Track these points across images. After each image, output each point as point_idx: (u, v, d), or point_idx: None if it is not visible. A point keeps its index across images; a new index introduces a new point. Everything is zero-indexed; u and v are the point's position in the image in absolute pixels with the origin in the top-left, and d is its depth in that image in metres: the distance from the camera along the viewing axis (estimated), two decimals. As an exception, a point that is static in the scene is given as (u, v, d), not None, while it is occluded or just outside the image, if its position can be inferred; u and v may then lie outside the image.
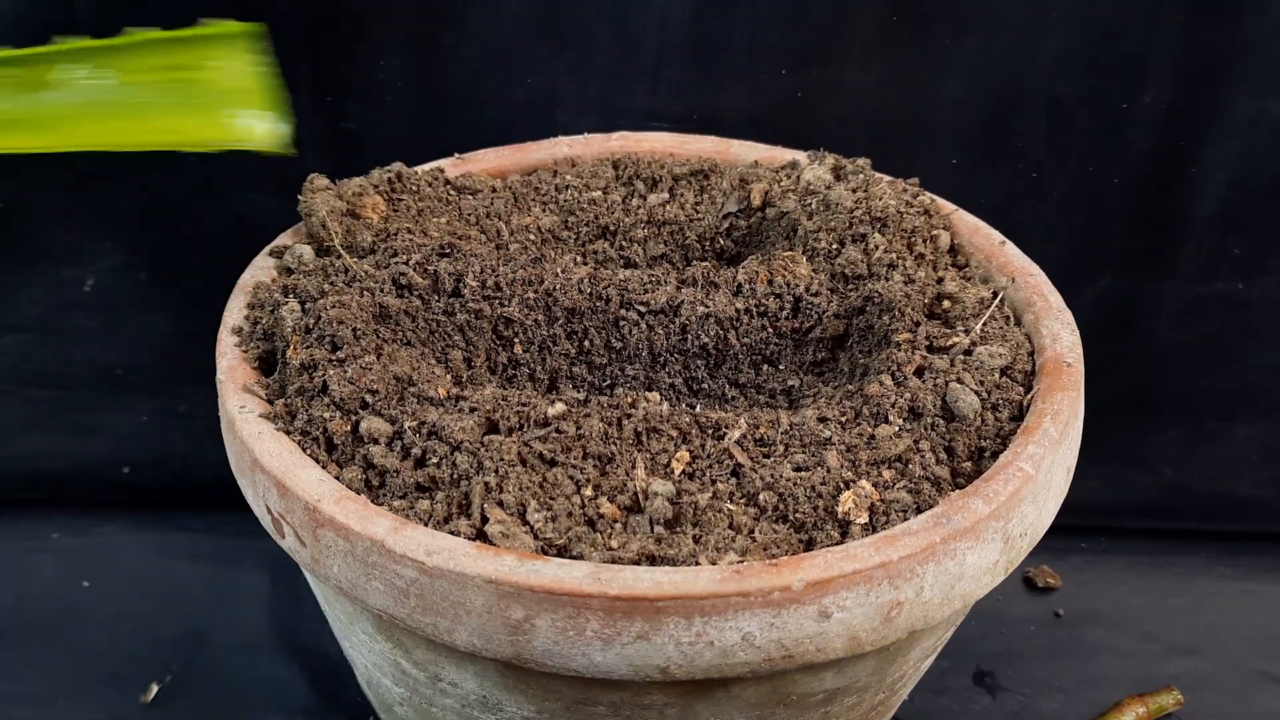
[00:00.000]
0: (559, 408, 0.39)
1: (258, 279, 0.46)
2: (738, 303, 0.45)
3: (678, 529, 0.36)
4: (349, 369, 0.39)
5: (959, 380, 0.40)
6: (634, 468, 0.37)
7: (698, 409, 0.42)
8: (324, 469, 0.37)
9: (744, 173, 0.52)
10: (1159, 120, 0.60)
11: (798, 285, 0.45)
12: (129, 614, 0.60)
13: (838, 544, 0.35)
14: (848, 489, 0.37)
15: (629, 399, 0.40)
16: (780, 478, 0.37)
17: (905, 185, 0.49)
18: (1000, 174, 0.62)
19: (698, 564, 0.34)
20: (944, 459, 0.39)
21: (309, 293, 0.43)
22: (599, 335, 0.46)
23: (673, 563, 0.34)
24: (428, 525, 0.35)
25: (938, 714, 0.57)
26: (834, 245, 0.47)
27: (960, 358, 0.42)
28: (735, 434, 0.39)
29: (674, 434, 0.39)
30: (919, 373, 0.41)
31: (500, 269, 0.45)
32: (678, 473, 0.38)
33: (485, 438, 0.38)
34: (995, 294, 0.45)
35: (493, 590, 0.33)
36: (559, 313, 0.45)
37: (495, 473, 0.36)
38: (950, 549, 0.35)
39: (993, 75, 0.59)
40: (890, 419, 0.39)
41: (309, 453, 0.38)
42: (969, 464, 0.39)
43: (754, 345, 0.46)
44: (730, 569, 0.33)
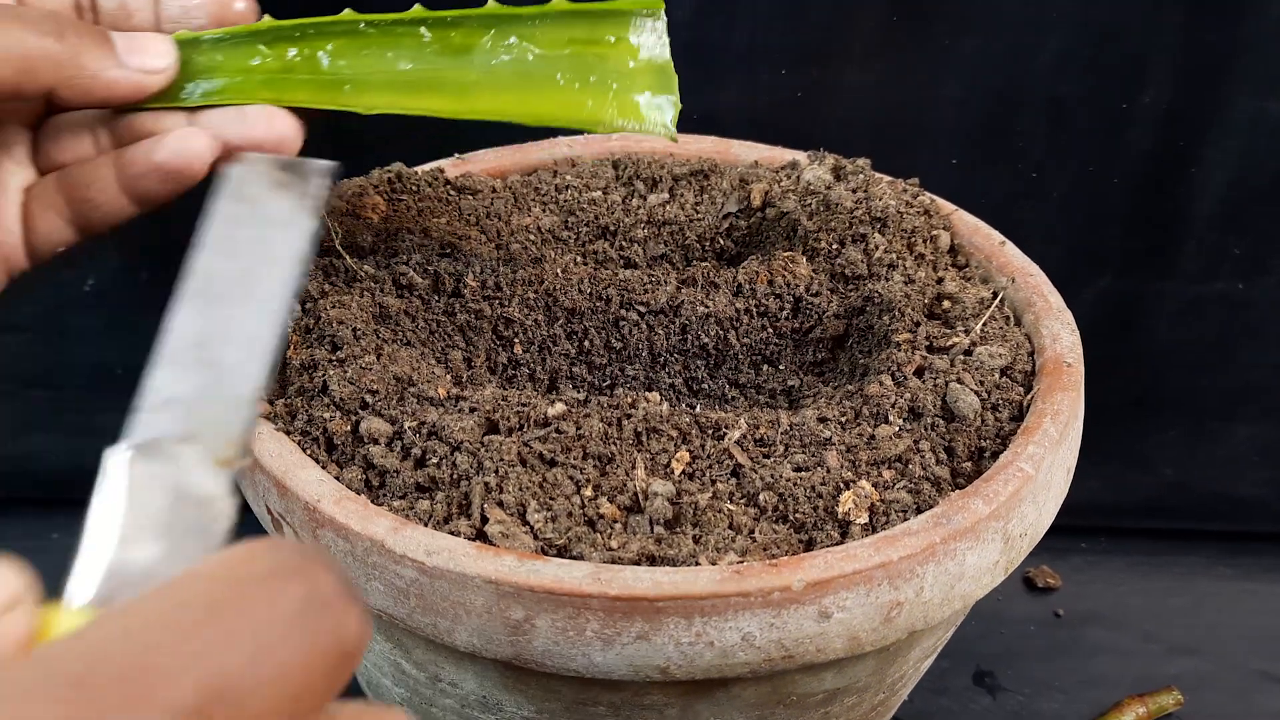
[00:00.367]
0: (559, 408, 0.39)
1: (258, 279, 0.46)
2: (738, 303, 0.45)
3: (678, 529, 0.36)
4: (349, 369, 0.39)
5: (959, 380, 0.40)
6: (634, 468, 0.37)
7: (698, 409, 0.42)
8: (324, 469, 0.37)
9: (744, 173, 0.51)
10: (1159, 120, 0.60)
11: (798, 285, 0.45)
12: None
13: (838, 544, 0.35)
14: (848, 489, 0.37)
15: (629, 399, 0.40)
16: (780, 478, 0.37)
17: (905, 185, 0.49)
18: (1000, 174, 0.62)
19: (698, 564, 0.34)
20: (944, 459, 0.39)
21: (309, 293, 0.43)
22: (599, 335, 0.46)
23: (673, 563, 0.34)
24: (427, 525, 0.35)
25: (938, 714, 0.57)
26: (834, 245, 0.47)
27: (960, 358, 0.42)
28: (735, 434, 0.39)
29: (674, 434, 0.39)
30: (919, 373, 0.41)
31: (500, 269, 0.45)
32: (678, 473, 0.37)
33: (485, 438, 0.38)
34: (995, 294, 0.45)
35: (492, 590, 0.33)
36: (559, 313, 0.45)
37: (495, 473, 0.36)
38: (950, 549, 0.35)
39: (993, 75, 0.59)
40: (890, 419, 0.39)
41: (309, 453, 0.38)
42: (969, 464, 0.39)
43: (754, 345, 0.46)
44: (730, 569, 0.33)
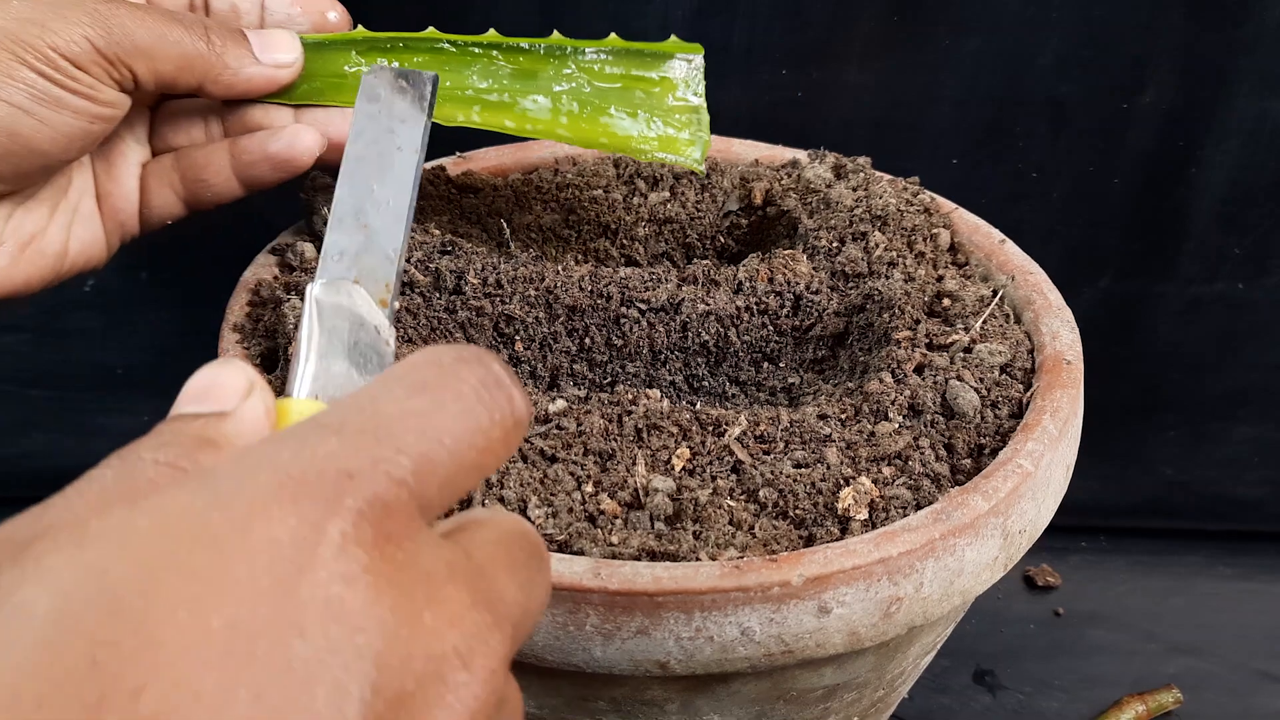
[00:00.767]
0: (560, 405, 0.39)
1: (259, 276, 0.46)
2: (738, 300, 0.45)
3: (678, 525, 0.36)
4: (350, 366, 0.39)
5: (959, 378, 0.40)
6: (634, 464, 0.37)
7: (698, 406, 0.42)
8: (325, 465, 0.37)
9: (745, 171, 0.52)
10: (1159, 121, 0.60)
11: (798, 283, 0.45)
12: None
13: (837, 540, 0.35)
14: (848, 485, 0.37)
15: (630, 396, 0.40)
16: (780, 474, 0.37)
17: (905, 184, 0.49)
18: (1000, 173, 0.62)
19: (698, 559, 0.34)
20: (943, 456, 0.39)
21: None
22: (600, 333, 0.46)
23: (673, 558, 0.34)
24: (428, 521, 0.35)
25: (938, 712, 0.57)
26: (834, 243, 0.47)
27: (960, 355, 0.42)
28: (736, 431, 0.39)
29: (674, 431, 0.39)
30: (919, 370, 0.41)
31: (501, 267, 0.45)
32: (678, 469, 0.38)
33: (486, 434, 0.38)
34: (995, 292, 0.45)
35: (493, 585, 0.33)
36: (560, 310, 0.45)
37: (496, 469, 0.36)
38: (949, 545, 0.35)
39: (993, 75, 0.59)
40: (890, 416, 0.39)
41: (310, 449, 0.38)
42: (968, 461, 0.39)
43: (754, 343, 0.46)
44: (730, 564, 0.33)
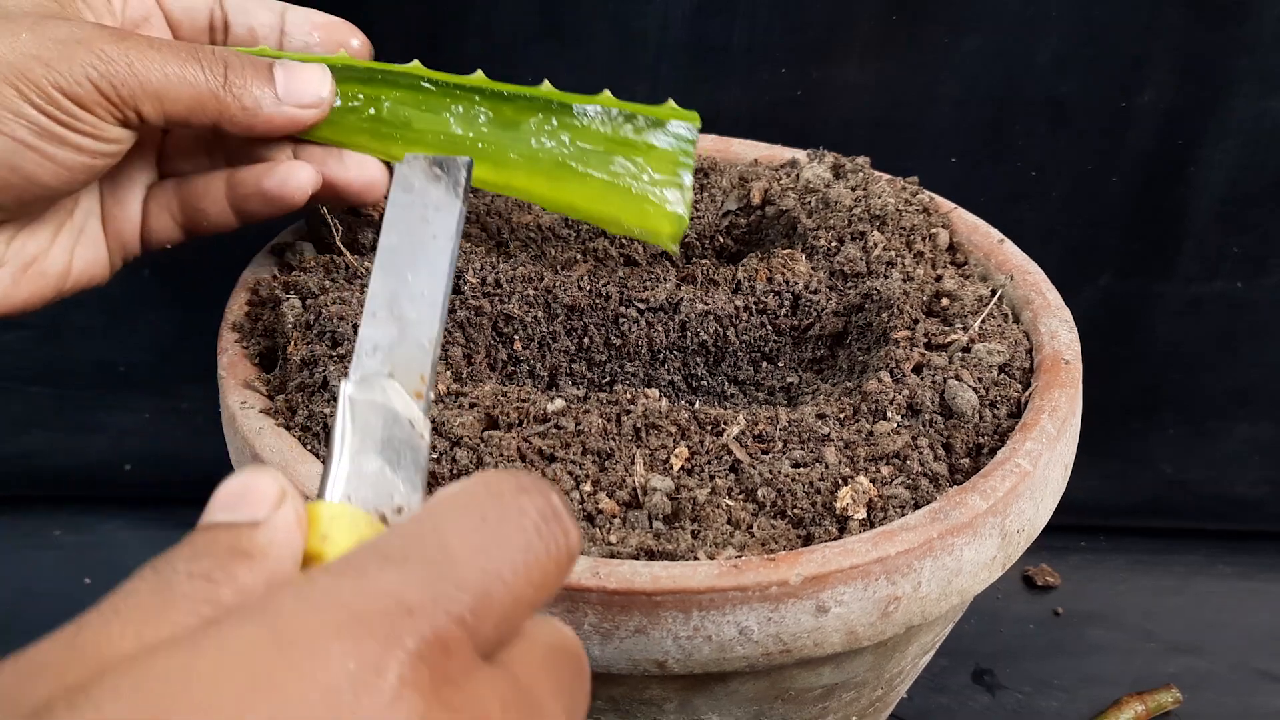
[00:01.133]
0: (558, 404, 0.39)
1: (259, 276, 0.46)
2: (737, 300, 0.45)
3: (676, 524, 0.36)
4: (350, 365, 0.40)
5: (957, 377, 0.40)
6: (633, 464, 0.37)
7: (697, 405, 0.42)
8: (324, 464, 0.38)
9: (744, 171, 0.52)
10: (1159, 120, 0.60)
11: (797, 283, 0.45)
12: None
13: (836, 539, 0.35)
14: (846, 485, 0.37)
15: (628, 395, 0.40)
16: (779, 474, 0.37)
17: (904, 184, 0.49)
18: (1000, 173, 0.62)
19: (696, 559, 0.34)
20: (942, 455, 0.39)
21: (310, 289, 0.43)
22: (598, 332, 0.46)
23: (671, 557, 0.34)
24: (427, 520, 0.35)
25: (937, 712, 0.57)
26: (833, 243, 0.47)
27: (959, 355, 0.42)
28: (734, 430, 0.39)
29: (673, 430, 0.39)
30: (917, 370, 0.41)
31: (500, 266, 0.45)
32: (676, 469, 0.38)
33: (485, 433, 0.38)
34: (994, 292, 0.45)
35: (492, 584, 0.33)
36: (559, 309, 0.45)
37: (495, 468, 0.36)
38: (947, 544, 0.35)
39: (992, 75, 0.59)
40: (889, 415, 0.39)
41: (309, 448, 0.38)
42: (967, 460, 0.39)
43: (753, 342, 0.46)
44: (728, 564, 0.33)
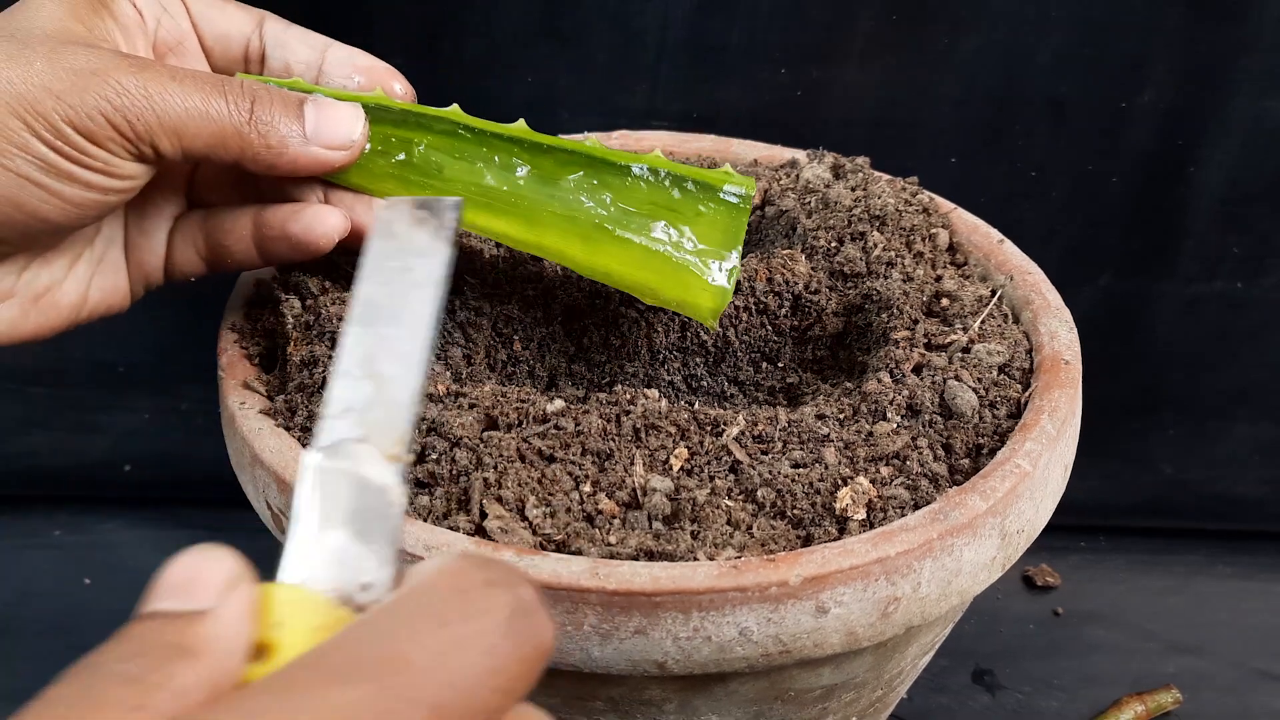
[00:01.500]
0: (558, 404, 0.39)
1: (258, 276, 0.46)
2: (737, 300, 0.45)
3: (676, 525, 0.36)
4: (349, 365, 0.40)
5: (957, 378, 0.40)
6: (632, 464, 0.37)
7: (696, 406, 0.42)
8: (324, 465, 0.38)
9: (744, 171, 0.52)
10: (1158, 120, 0.60)
11: (797, 283, 0.45)
12: (130, 611, 0.60)
13: (835, 540, 0.35)
14: (846, 485, 0.37)
15: (628, 396, 0.40)
16: (778, 474, 0.37)
17: (904, 184, 0.49)
18: (999, 173, 0.62)
19: (696, 559, 0.34)
20: (942, 456, 0.39)
21: (310, 289, 0.43)
22: (598, 333, 0.46)
23: (671, 558, 0.34)
24: (427, 521, 0.35)
25: (937, 712, 0.57)
26: (833, 243, 0.47)
27: (958, 355, 0.42)
28: (734, 431, 0.39)
29: (673, 431, 0.39)
30: (917, 370, 0.41)
31: (500, 266, 0.45)
32: (676, 469, 0.38)
33: (484, 434, 0.38)
34: (994, 292, 0.45)
35: (491, 585, 0.33)
36: (558, 310, 0.45)
37: (494, 469, 0.36)
38: (947, 545, 0.35)
39: (992, 74, 0.59)
40: (888, 416, 0.39)
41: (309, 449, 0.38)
42: (966, 461, 0.39)
43: (753, 343, 0.46)
44: (728, 564, 0.33)
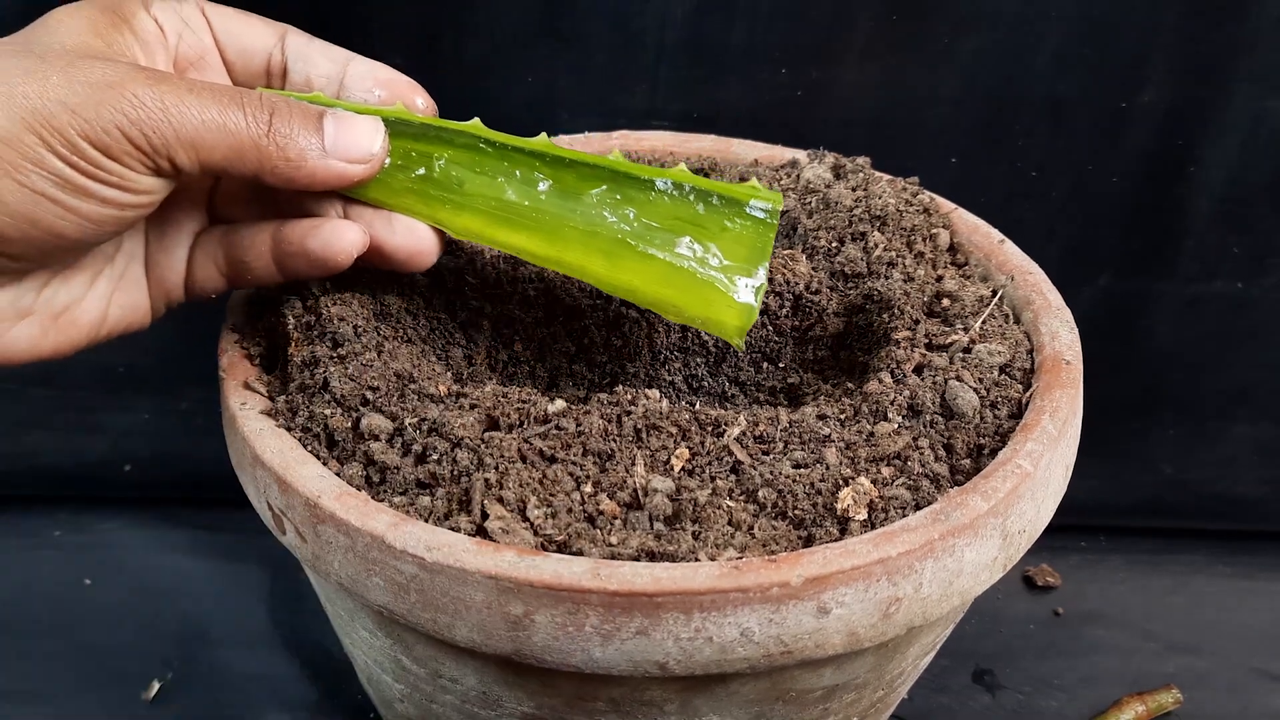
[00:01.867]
0: (559, 405, 0.39)
1: (259, 276, 0.46)
2: (737, 301, 0.45)
3: (677, 525, 0.36)
4: (350, 366, 0.40)
5: (958, 378, 0.41)
6: (634, 465, 0.37)
7: (697, 406, 0.42)
8: (325, 465, 0.38)
9: (744, 171, 0.52)
10: (1158, 119, 0.60)
11: (797, 283, 0.45)
12: (130, 611, 0.60)
13: (837, 540, 0.35)
14: (847, 486, 0.37)
15: (629, 396, 0.40)
16: (780, 474, 0.37)
17: (905, 184, 0.49)
18: (999, 173, 0.62)
19: (697, 560, 0.34)
20: (943, 456, 0.39)
21: (311, 290, 0.43)
22: (599, 333, 0.46)
23: (672, 559, 0.34)
24: (428, 521, 0.35)
25: (937, 712, 0.57)
26: (833, 243, 0.47)
27: (959, 355, 0.42)
28: (735, 431, 0.39)
29: (674, 431, 0.39)
30: (918, 370, 0.41)
31: (501, 267, 0.45)
32: (677, 469, 0.38)
33: (485, 434, 0.38)
34: (994, 292, 0.45)
35: (492, 586, 0.33)
36: (559, 310, 0.45)
37: (495, 469, 0.36)
38: (949, 545, 0.35)
39: (992, 74, 0.59)
40: (889, 416, 0.39)
41: (310, 449, 0.38)
42: (968, 461, 0.39)
43: (754, 343, 0.46)
44: (729, 565, 0.33)
